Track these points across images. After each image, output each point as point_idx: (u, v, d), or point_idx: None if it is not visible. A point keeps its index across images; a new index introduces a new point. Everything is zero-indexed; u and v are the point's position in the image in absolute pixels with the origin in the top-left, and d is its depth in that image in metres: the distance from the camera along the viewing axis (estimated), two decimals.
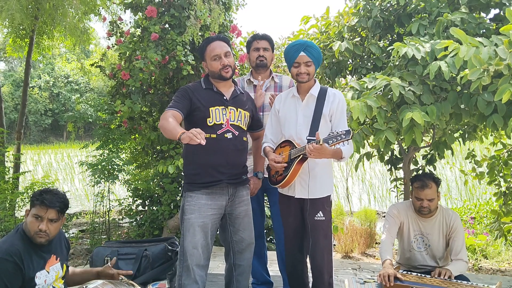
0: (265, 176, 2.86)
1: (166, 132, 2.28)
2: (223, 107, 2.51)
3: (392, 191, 4.39)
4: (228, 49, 2.54)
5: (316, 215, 2.52)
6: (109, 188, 4.93)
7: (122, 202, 4.99)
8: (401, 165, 3.85)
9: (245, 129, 2.61)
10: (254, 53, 3.05)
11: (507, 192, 3.89)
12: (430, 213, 2.73)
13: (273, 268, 3.48)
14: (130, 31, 4.62)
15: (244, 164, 2.65)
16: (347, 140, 2.24)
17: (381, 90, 2.77)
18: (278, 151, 2.59)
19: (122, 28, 4.80)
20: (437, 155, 3.67)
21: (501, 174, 3.89)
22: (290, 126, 2.58)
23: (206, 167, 2.47)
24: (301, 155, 2.41)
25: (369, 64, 3.53)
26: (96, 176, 4.57)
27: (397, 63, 2.93)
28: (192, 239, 2.43)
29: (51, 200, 2.22)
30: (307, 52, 2.46)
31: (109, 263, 2.57)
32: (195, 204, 2.47)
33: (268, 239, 4.96)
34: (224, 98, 2.55)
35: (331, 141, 2.24)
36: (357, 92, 2.85)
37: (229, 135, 2.49)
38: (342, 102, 2.54)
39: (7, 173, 5.31)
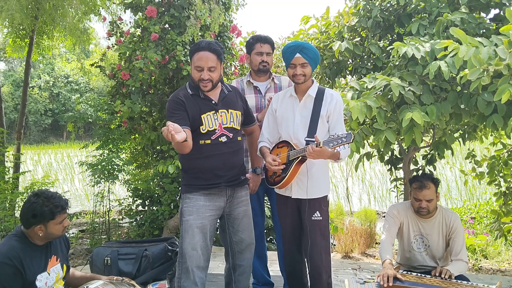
0: (263, 177, 2.86)
1: (179, 146, 2.29)
2: (213, 111, 2.48)
3: (392, 191, 4.39)
4: (214, 63, 2.40)
5: (313, 215, 2.52)
6: (109, 188, 4.93)
7: (122, 202, 4.99)
8: (401, 165, 3.85)
9: (239, 128, 2.59)
10: (257, 57, 3.01)
11: (507, 192, 3.89)
12: (428, 214, 2.73)
13: (273, 268, 3.48)
14: (130, 31, 4.62)
15: (242, 164, 2.64)
16: (348, 143, 2.24)
17: (381, 90, 2.77)
18: (275, 152, 2.59)
19: (122, 28, 4.80)
20: (437, 155, 3.67)
21: (501, 174, 3.89)
22: (287, 126, 2.58)
23: (203, 171, 2.47)
24: (300, 157, 2.41)
25: (369, 64, 3.53)
26: (96, 176, 4.57)
27: (397, 63, 2.93)
28: (191, 241, 2.43)
29: (63, 203, 2.27)
30: (302, 54, 2.46)
31: (114, 277, 2.57)
32: (194, 206, 2.46)
33: (268, 239, 4.96)
34: (213, 102, 2.50)
35: (332, 144, 2.24)
36: (357, 92, 2.85)
37: (223, 139, 2.47)
38: (339, 103, 2.54)
39: (7, 173, 5.31)
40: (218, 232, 2.76)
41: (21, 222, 2.23)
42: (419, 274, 2.60)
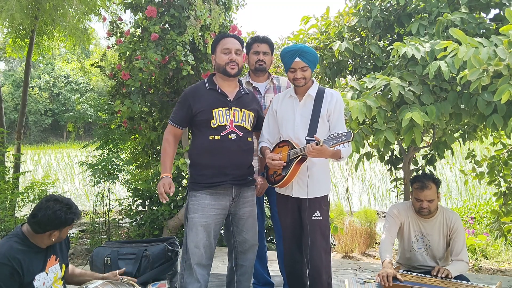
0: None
1: (161, 158, 2.58)
2: (226, 108, 2.50)
3: (392, 191, 4.39)
4: (240, 47, 2.58)
5: (314, 215, 2.52)
6: (109, 188, 4.93)
7: (122, 202, 4.99)
8: (401, 165, 3.85)
9: (250, 129, 2.60)
10: (254, 57, 3.03)
11: (507, 192, 3.89)
12: (430, 214, 2.73)
13: (273, 268, 3.48)
14: (130, 31, 4.62)
15: (250, 165, 2.63)
16: (348, 141, 2.24)
17: (381, 90, 2.77)
18: (276, 151, 2.59)
19: (122, 28, 4.80)
20: (437, 155, 3.67)
21: (501, 174, 3.89)
22: (288, 126, 2.58)
23: (210, 168, 2.48)
24: (300, 156, 2.41)
25: (369, 64, 3.53)
26: (96, 176, 4.57)
27: (397, 63, 2.93)
28: (195, 238, 2.44)
29: (79, 210, 2.34)
30: (302, 58, 2.46)
31: (117, 271, 2.62)
32: (199, 204, 2.47)
33: (267, 239, 4.96)
34: (228, 99, 2.53)
35: (332, 143, 2.24)
36: (357, 92, 2.85)
37: (233, 136, 2.48)
38: (339, 102, 2.54)
39: (7, 173, 5.31)
40: (222, 232, 2.75)
41: (36, 226, 2.18)
42: (419, 274, 2.61)
